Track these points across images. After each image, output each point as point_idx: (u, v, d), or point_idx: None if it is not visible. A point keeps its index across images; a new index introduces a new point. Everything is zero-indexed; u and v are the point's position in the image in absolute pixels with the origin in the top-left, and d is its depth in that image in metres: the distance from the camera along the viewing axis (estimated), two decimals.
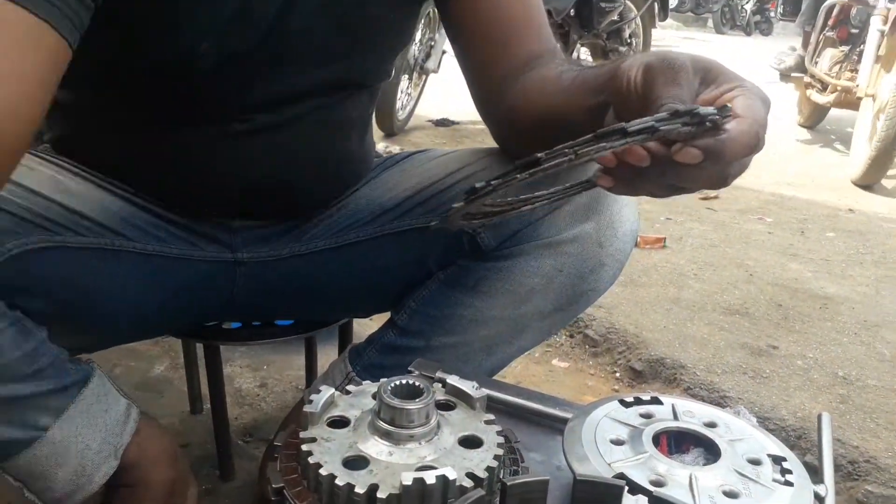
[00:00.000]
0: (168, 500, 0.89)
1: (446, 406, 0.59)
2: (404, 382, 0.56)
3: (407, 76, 3.80)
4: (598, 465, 0.57)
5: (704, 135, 0.56)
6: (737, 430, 0.62)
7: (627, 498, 0.53)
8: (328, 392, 0.58)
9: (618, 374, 1.76)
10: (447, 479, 0.49)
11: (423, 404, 0.54)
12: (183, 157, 0.86)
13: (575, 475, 0.54)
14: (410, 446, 0.53)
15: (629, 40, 4.87)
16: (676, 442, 0.61)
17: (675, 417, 0.63)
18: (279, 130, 0.87)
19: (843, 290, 2.27)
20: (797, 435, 1.47)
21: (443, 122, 4.37)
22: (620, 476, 0.55)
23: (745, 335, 1.90)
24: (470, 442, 0.55)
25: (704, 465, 0.58)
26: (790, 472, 0.57)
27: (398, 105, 3.75)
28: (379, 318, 1.03)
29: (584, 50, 4.98)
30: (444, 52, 3.78)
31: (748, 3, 14.81)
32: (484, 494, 0.50)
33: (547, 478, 0.52)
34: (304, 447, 0.53)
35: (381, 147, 3.28)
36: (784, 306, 2.11)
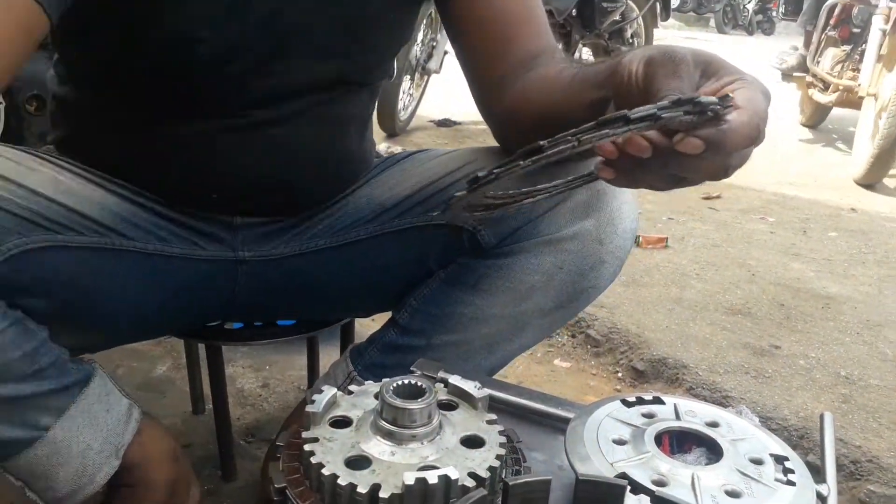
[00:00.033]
0: (170, 500, 0.89)
1: (448, 406, 0.59)
2: (406, 382, 0.56)
3: (409, 77, 3.80)
4: (601, 464, 0.57)
5: (706, 125, 0.56)
6: (739, 430, 0.62)
7: (629, 498, 0.53)
8: (330, 392, 0.58)
9: (620, 374, 1.75)
10: (449, 478, 0.49)
11: (426, 404, 0.54)
12: (183, 154, 0.87)
13: (577, 475, 0.54)
14: (413, 446, 0.53)
15: (631, 40, 4.86)
16: (678, 442, 0.61)
17: (678, 417, 0.63)
18: (278, 126, 0.87)
19: (846, 290, 2.27)
20: (799, 435, 1.46)
21: (445, 123, 4.37)
22: (622, 476, 0.55)
23: (747, 335, 1.90)
24: (472, 442, 0.55)
25: (707, 464, 0.58)
26: (792, 471, 0.57)
27: (400, 105, 3.75)
28: (380, 319, 1.03)
29: (585, 50, 4.97)
30: (445, 53, 3.78)
31: (750, 2, 14.79)
32: (486, 494, 0.50)
33: (549, 477, 0.52)
34: (307, 447, 0.53)
35: (382, 147, 3.28)
36: (786, 306, 2.11)
